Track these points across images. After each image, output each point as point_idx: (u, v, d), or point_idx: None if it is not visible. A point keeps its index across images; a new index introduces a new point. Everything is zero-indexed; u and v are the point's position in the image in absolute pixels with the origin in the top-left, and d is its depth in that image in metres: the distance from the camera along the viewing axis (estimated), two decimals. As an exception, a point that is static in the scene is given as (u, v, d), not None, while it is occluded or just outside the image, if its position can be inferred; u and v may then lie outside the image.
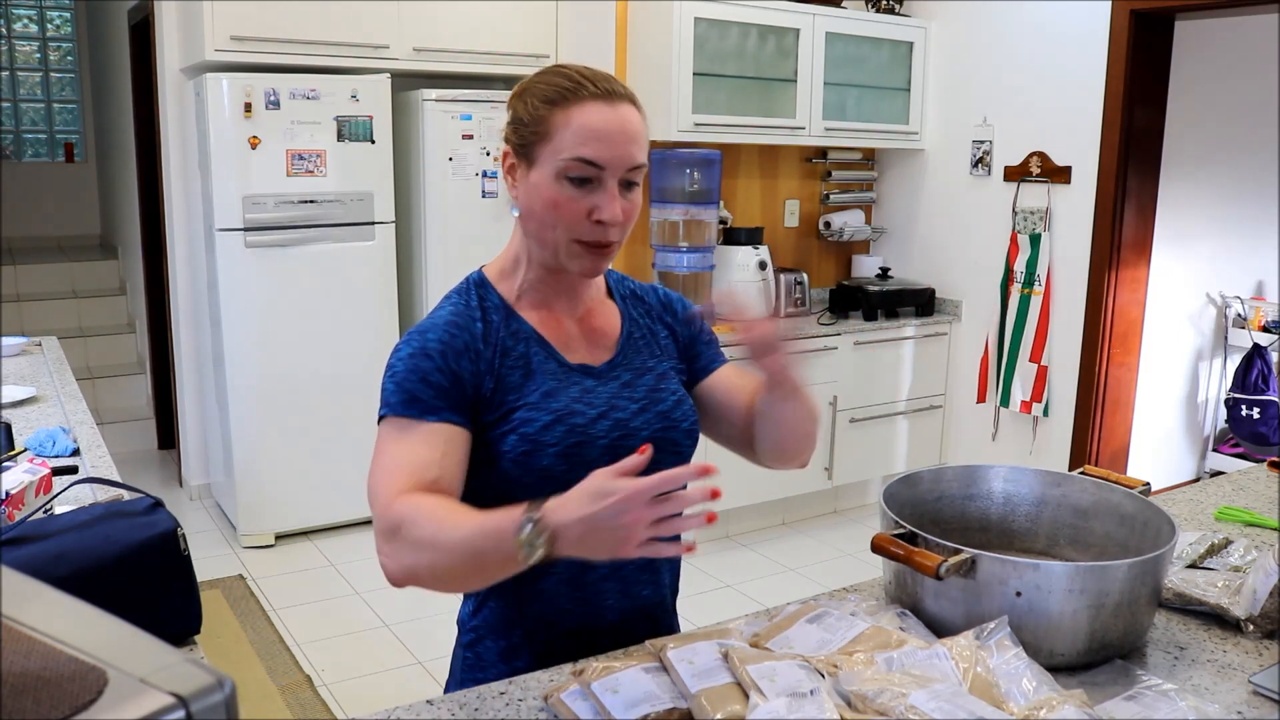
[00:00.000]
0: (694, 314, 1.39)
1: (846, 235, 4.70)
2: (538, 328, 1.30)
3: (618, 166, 1.21)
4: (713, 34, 3.97)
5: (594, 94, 1.21)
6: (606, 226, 1.22)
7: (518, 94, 1.28)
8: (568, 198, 1.21)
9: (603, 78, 1.24)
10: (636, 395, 1.31)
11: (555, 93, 1.22)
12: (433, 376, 1.20)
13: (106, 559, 1.23)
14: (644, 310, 1.41)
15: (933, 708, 0.99)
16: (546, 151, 1.22)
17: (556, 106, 1.22)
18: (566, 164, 1.20)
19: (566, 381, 1.27)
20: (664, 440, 1.29)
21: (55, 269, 6.24)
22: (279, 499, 3.98)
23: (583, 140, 1.20)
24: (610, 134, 1.21)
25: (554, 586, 1.27)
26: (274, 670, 3.05)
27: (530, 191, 1.24)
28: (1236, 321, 4.76)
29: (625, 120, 1.22)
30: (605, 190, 1.22)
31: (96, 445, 2.15)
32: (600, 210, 1.21)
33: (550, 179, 1.22)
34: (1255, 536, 1.67)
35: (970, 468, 1.50)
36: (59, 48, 7.55)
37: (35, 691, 0.51)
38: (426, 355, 1.21)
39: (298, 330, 3.93)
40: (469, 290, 1.31)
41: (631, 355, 1.35)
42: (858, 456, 4.36)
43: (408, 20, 4.05)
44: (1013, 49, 4.20)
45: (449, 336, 1.23)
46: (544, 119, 1.22)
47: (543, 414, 1.23)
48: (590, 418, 1.25)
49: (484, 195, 4.15)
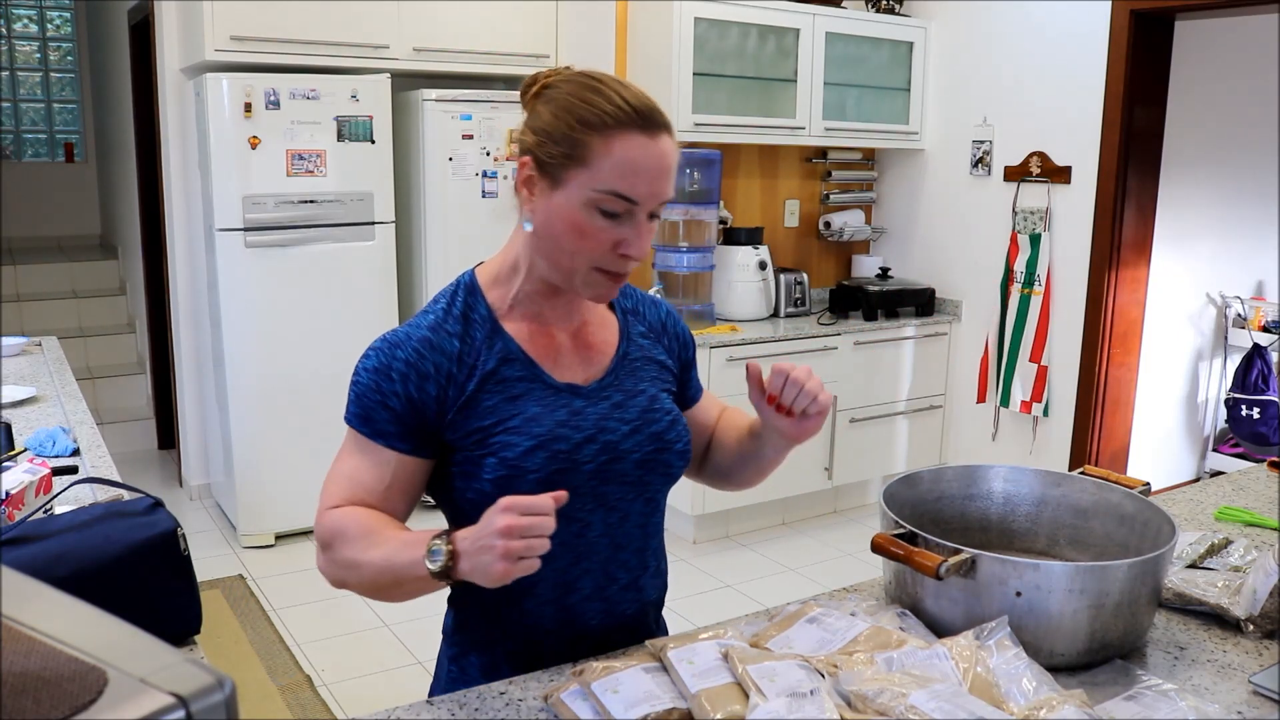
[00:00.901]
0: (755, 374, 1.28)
1: (846, 235, 4.70)
2: (525, 343, 1.25)
3: (651, 202, 1.17)
4: (713, 34, 3.97)
5: (636, 124, 1.14)
6: (629, 259, 1.18)
7: (542, 100, 1.20)
8: (597, 228, 1.16)
9: (644, 103, 1.17)
10: (628, 416, 1.26)
11: (596, 116, 1.14)
12: (390, 401, 1.18)
13: (106, 559, 1.23)
14: (644, 329, 1.36)
15: (933, 708, 0.99)
16: (580, 177, 1.15)
17: (595, 132, 1.14)
18: (601, 196, 1.14)
19: (552, 404, 1.22)
20: (656, 462, 1.27)
21: (55, 269, 6.24)
22: (279, 499, 3.98)
23: (621, 175, 1.14)
24: (650, 170, 1.15)
25: (538, 608, 1.25)
26: (274, 670, 3.05)
27: (552, 212, 1.18)
28: (1236, 321, 4.76)
29: (664, 155, 1.16)
30: (635, 224, 1.17)
31: (96, 445, 2.15)
32: (629, 245, 1.17)
33: (579, 206, 1.15)
34: (1255, 536, 1.67)
35: (970, 468, 1.50)
36: (59, 48, 7.54)
37: (35, 691, 0.51)
38: (389, 376, 1.19)
39: (298, 330, 3.93)
40: (455, 296, 1.26)
41: (624, 376, 1.30)
42: (858, 456, 4.36)
43: (408, 20, 4.05)
44: (1013, 49, 4.20)
45: (417, 357, 1.19)
46: (580, 143, 1.15)
47: (524, 439, 1.19)
48: (576, 442, 1.21)
49: (484, 195, 4.15)
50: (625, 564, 1.29)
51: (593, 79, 1.18)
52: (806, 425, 1.25)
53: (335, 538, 1.16)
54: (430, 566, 1.07)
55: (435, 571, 1.06)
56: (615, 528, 1.27)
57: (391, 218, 4.06)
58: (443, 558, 1.06)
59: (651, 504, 1.32)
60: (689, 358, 1.42)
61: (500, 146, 4.13)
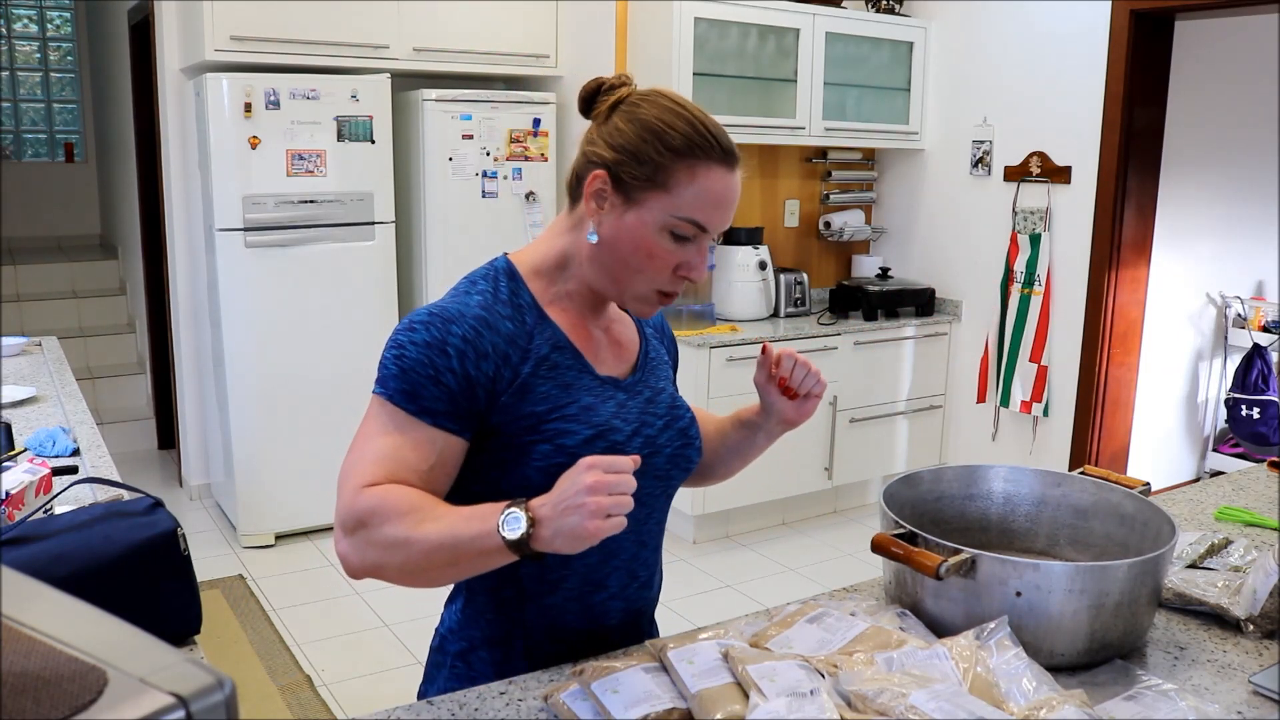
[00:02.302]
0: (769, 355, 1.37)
1: (846, 235, 4.70)
2: (569, 334, 1.24)
3: (719, 231, 1.20)
4: (713, 34, 3.97)
5: (720, 157, 1.17)
6: (689, 281, 1.22)
7: (622, 115, 1.19)
8: (666, 251, 1.18)
9: (725, 136, 1.19)
10: (659, 412, 1.29)
11: (685, 144, 1.15)
12: (445, 377, 1.12)
13: (106, 559, 1.23)
14: (652, 329, 1.40)
15: (933, 708, 0.99)
16: (660, 201, 1.16)
17: (683, 159, 1.15)
18: (678, 223, 1.16)
19: (603, 395, 1.23)
20: (680, 458, 1.29)
21: (55, 269, 6.24)
22: (279, 499, 3.98)
23: (702, 205, 1.16)
24: (728, 203, 1.18)
25: (562, 603, 1.24)
26: (274, 670, 3.05)
27: (623, 230, 1.18)
28: (1236, 321, 4.76)
29: (738, 189, 1.20)
30: (698, 248, 1.20)
31: (96, 445, 2.15)
32: (691, 269, 1.20)
33: (653, 229, 1.17)
34: (1255, 536, 1.67)
35: (970, 468, 1.50)
36: (59, 48, 7.55)
37: (35, 691, 0.51)
38: (445, 352, 1.13)
39: (298, 330, 3.93)
40: (498, 280, 1.22)
41: (648, 374, 1.33)
42: (858, 456, 4.36)
43: (408, 20, 4.05)
44: (1013, 49, 4.20)
45: (474, 335, 1.14)
46: (666, 169, 1.15)
47: (584, 428, 1.18)
48: (626, 434, 1.22)
49: (484, 195, 4.15)
50: (645, 561, 1.31)
51: (676, 103, 1.19)
52: (806, 407, 1.35)
53: (375, 515, 1.07)
54: (507, 535, 1.02)
55: (513, 541, 1.02)
56: (642, 524, 1.28)
57: (391, 218, 4.07)
58: (523, 525, 1.01)
59: (670, 501, 1.35)
60: (677, 359, 1.47)
61: (500, 146, 4.13)
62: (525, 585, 1.24)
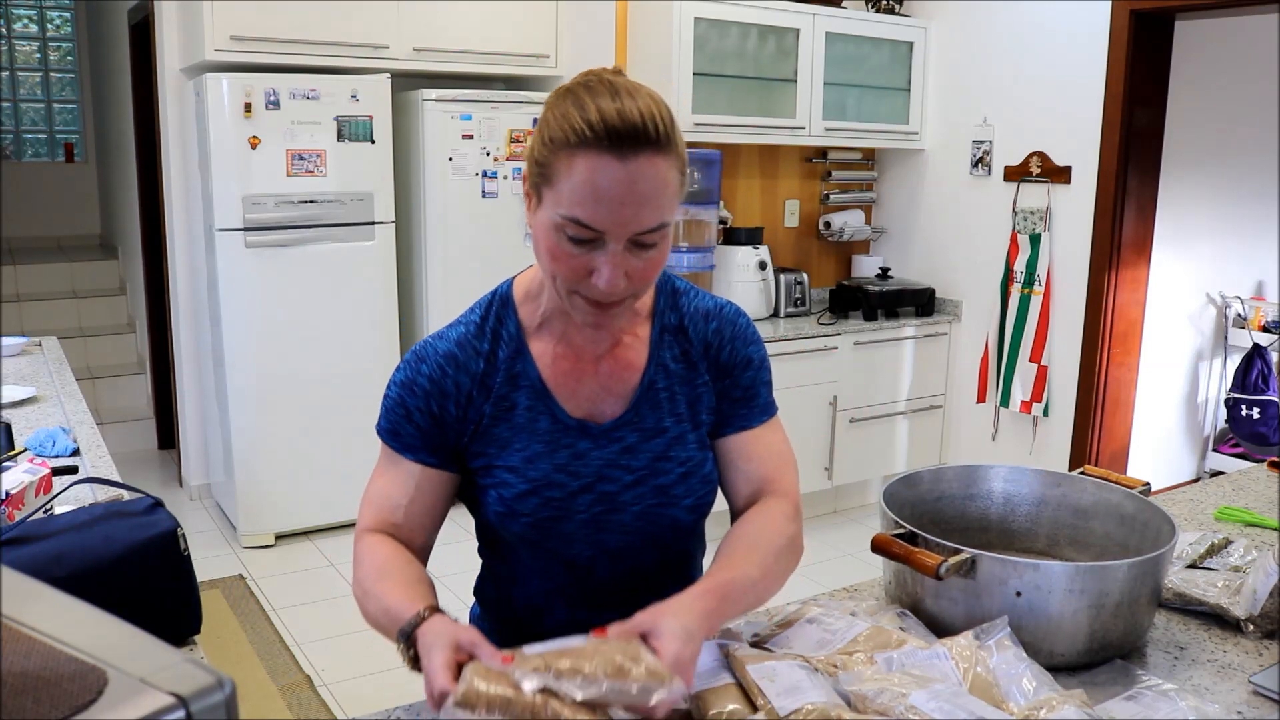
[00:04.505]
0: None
1: (846, 235, 4.70)
2: (547, 368, 1.18)
3: (619, 233, 1.03)
4: (713, 34, 3.97)
5: (604, 144, 1.00)
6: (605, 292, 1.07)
7: (544, 108, 1.10)
8: (565, 253, 1.05)
9: (623, 119, 1.01)
10: (635, 465, 1.18)
11: (563, 132, 1.03)
12: (415, 416, 1.17)
13: (106, 559, 1.23)
14: (681, 351, 1.22)
15: (933, 708, 0.99)
16: (550, 198, 1.05)
17: (562, 150, 1.03)
18: (561, 220, 1.04)
19: (555, 444, 1.17)
20: (659, 515, 1.20)
21: (55, 269, 6.24)
22: (279, 499, 3.98)
23: (581, 199, 1.02)
24: (613, 196, 1.01)
25: (557, 631, 1.22)
26: (274, 670, 3.05)
27: (536, 229, 1.09)
28: (1236, 321, 4.76)
29: (635, 179, 1.01)
30: (607, 253, 1.04)
31: (96, 445, 2.15)
32: (598, 276, 1.05)
33: (550, 229, 1.06)
34: (1255, 536, 1.67)
35: (970, 468, 1.50)
36: (59, 48, 7.54)
37: (35, 691, 0.51)
38: (413, 391, 1.18)
39: (298, 330, 3.93)
40: (490, 309, 1.20)
41: (646, 411, 1.19)
42: (858, 456, 4.36)
43: (408, 20, 4.05)
44: (1012, 49, 4.20)
45: (440, 374, 1.17)
46: (548, 162, 1.04)
47: (520, 482, 1.17)
48: (571, 490, 1.17)
49: (484, 195, 4.15)
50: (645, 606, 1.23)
51: (587, 86, 1.05)
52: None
53: (358, 563, 1.17)
54: (399, 647, 1.03)
55: (400, 646, 1.03)
56: (630, 575, 1.25)
57: (391, 218, 4.06)
58: (405, 657, 1.02)
59: (670, 551, 1.28)
60: (725, 386, 1.23)
61: (500, 146, 4.13)
62: (520, 609, 1.28)
